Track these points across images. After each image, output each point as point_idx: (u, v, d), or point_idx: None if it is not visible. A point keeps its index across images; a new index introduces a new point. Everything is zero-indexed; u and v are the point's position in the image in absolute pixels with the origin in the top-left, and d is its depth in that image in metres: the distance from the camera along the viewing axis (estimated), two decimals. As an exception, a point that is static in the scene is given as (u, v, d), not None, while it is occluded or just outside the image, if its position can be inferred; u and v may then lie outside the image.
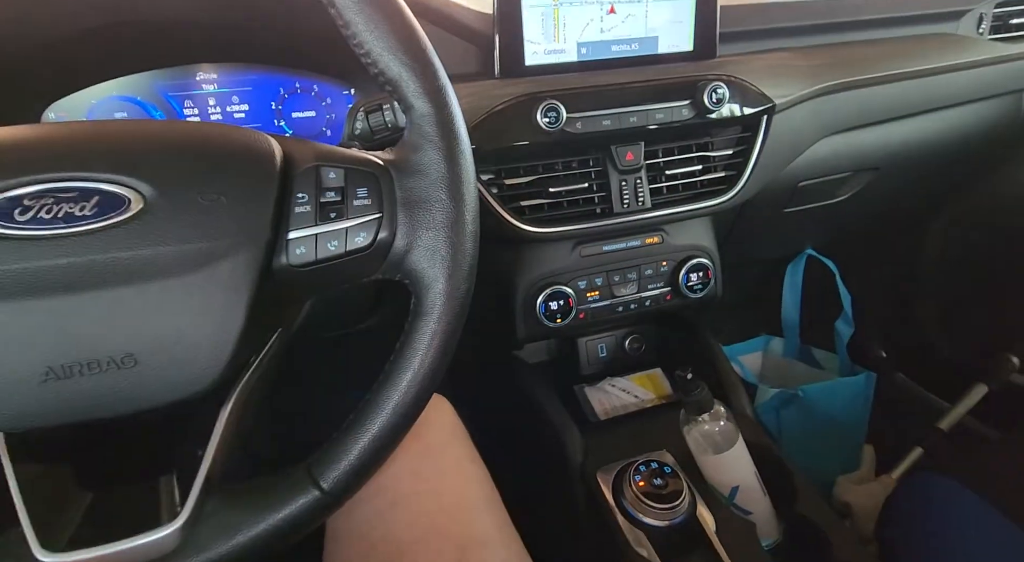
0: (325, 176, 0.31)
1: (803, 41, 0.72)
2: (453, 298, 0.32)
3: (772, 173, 0.70)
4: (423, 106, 0.31)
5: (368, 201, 0.31)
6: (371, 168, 0.32)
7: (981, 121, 0.84)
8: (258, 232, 0.28)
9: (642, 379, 0.81)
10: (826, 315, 1.05)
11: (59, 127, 0.29)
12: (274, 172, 0.30)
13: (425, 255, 0.31)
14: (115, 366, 0.26)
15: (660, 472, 0.55)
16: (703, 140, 0.65)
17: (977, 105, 0.83)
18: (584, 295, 0.67)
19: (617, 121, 0.59)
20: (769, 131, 0.66)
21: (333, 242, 0.30)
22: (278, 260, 0.30)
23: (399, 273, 0.32)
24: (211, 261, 0.27)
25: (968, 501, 0.56)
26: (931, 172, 0.89)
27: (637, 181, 0.62)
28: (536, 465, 0.72)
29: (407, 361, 0.31)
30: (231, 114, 0.62)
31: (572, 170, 0.61)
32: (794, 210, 0.85)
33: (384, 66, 0.31)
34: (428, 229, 0.31)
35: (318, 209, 0.30)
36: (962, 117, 0.82)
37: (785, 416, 0.90)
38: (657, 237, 0.69)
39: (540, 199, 0.60)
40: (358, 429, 0.30)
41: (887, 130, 0.79)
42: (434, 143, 0.32)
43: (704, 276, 0.70)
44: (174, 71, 0.59)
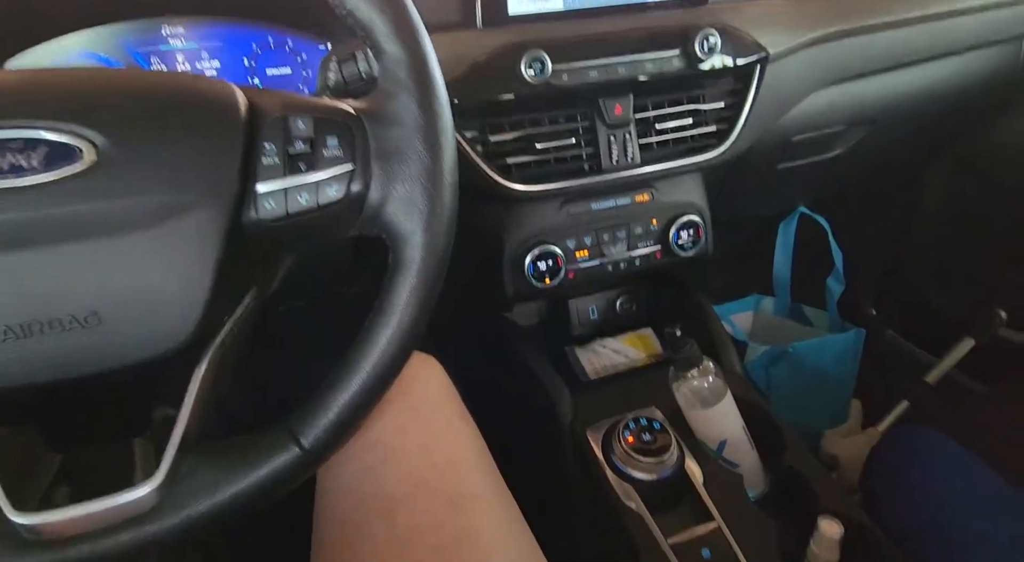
0: (293, 126, 0.29)
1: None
2: (432, 251, 0.31)
3: (765, 126, 0.68)
4: (396, 51, 0.30)
5: (339, 152, 0.30)
6: (342, 117, 0.30)
7: (981, 69, 0.82)
8: (224, 185, 0.27)
9: (632, 339, 0.81)
10: (818, 273, 1.05)
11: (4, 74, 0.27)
12: (239, 122, 0.28)
13: (401, 207, 0.30)
14: (78, 325, 0.25)
15: (649, 428, 0.55)
16: (694, 93, 0.63)
17: (977, 53, 0.80)
18: (573, 254, 0.66)
19: (605, 72, 0.56)
20: (762, 82, 0.64)
21: (304, 195, 0.29)
22: (247, 214, 0.28)
23: (375, 227, 0.31)
24: (175, 214, 0.26)
25: (953, 452, 0.57)
26: (929, 124, 0.88)
27: (626, 136, 0.61)
28: (526, 424, 0.72)
29: (386, 317, 0.30)
30: (202, 71, 0.59)
31: (559, 125, 0.59)
32: (787, 166, 0.83)
33: (353, 7, 0.29)
34: (404, 180, 0.30)
35: (287, 160, 0.29)
36: (962, 65, 0.80)
37: (774, 373, 0.91)
38: (647, 194, 0.68)
39: (527, 156, 0.59)
40: (338, 386, 0.30)
41: (885, 80, 0.76)
42: (408, 90, 0.30)
43: (694, 234, 0.69)
44: (139, 25, 0.56)
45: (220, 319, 0.30)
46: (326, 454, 0.30)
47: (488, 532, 0.39)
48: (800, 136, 0.78)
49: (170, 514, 0.27)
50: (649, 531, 0.51)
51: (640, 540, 0.50)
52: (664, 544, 0.49)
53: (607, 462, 0.56)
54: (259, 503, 0.29)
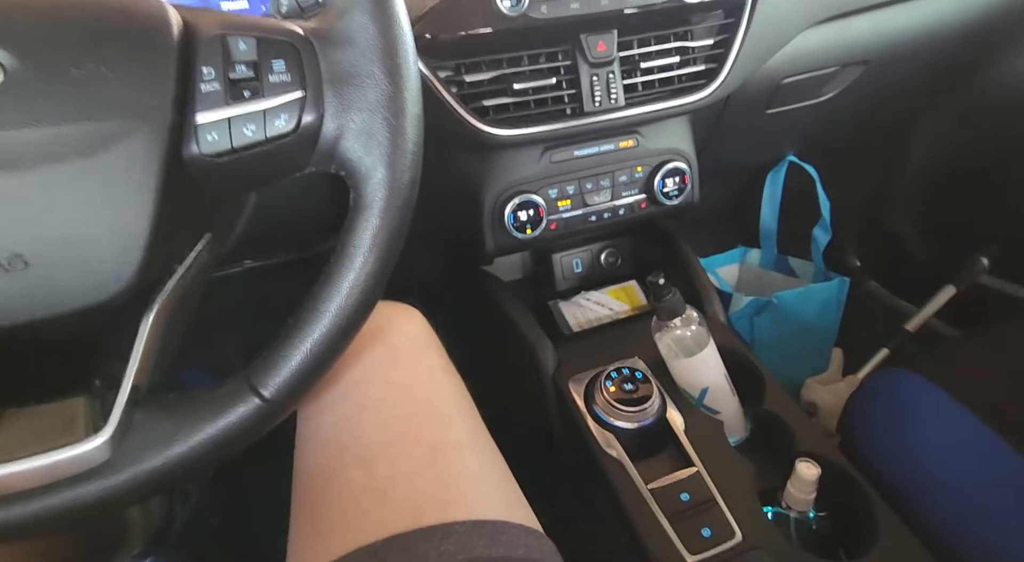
0: (234, 47, 0.26)
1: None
2: (395, 189, 0.28)
3: (755, 65, 0.65)
4: None
5: (287, 76, 0.27)
6: (289, 37, 0.27)
7: (976, 6, 0.79)
8: (156, 112, 0.24)
9: (617, 292, 0.80)
10: (804, 224, 1.04)
11: None
12: (170, 41, 0.25)
13: (359, 140, 0.28)
14: (1, 269, 0.23)
15: (631, 377, 0.55)
16: (681, 29, 0.60)
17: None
18: (555, 204, 0.64)
19: (586, 4, 0.53)
20: (754, 16, 0.60)
21: (250, 126, 0.26)
22: (188, 148, 0.26)
23: (332, 163, 0.29)
24: (99, 145, 0.23)
25: (930, 393, 0.57)
26: (924, 66, 0.85)
27: (610, 76, 0.57)
28: (510, 377, 0.72)
29: (348, 260, 0.28)
30: None
31: (539, 64, 0.56)
32: (776, 111, 0.80)
33: None
34: (360, 110, 0.28)
35: (228, 86, 0.26)
36: (958, 3, 0.76)
37: (759, 323, 0.91)
38: (632, 140, 0.65)
39: (504, 98, 0.56)
40: (298, 334, 0.28)
41: (880, 17, 0.73)
42: (361, 5, 0.27)
43: (680, 181, 0.67)
44: None
45: (169, 265, 0.28)
46: (289, 404, 0.29)
47: (470, 480, 0.38)
48: (790, 78, 0.75)
49: (122, 469, 0.25)
50: (629, 477, 0.51)
51: (620, 486, 0.51)
52: (644, 489, 0.50)
53: (589, 412, 0.56)
54: (217, 455, 0.27)
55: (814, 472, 0.49)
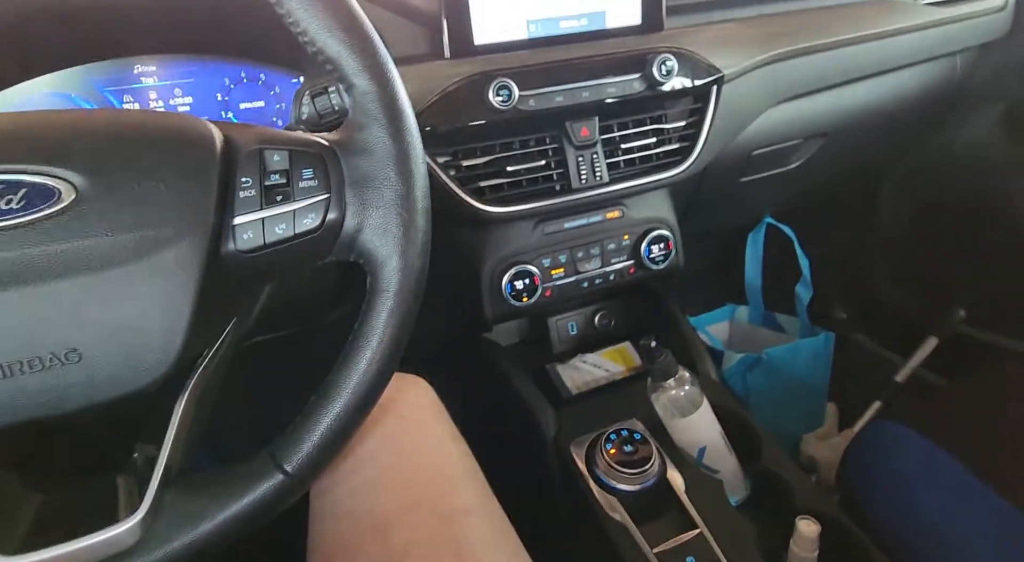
0: (269, 159, 0.31)
1: (750, 11, 0.73)
2: (408, 274, 0.32)
3: (725, 142, 0.71)
4: (364, 83, 0.31)
5: (315, 182, 0.31)
6: (316, 149, 0.32)
7: (922, 82, 0.87)
8: (201, 218, 0.28)
9: (612, 353, 0.83)
10: (788, 281, 1.09)
11: None
12: (214, 156, 0.29)
13: (377, 233, 0.31)
14: (59, 362, 0.25)
15: (630, 439, 0.56)
16: (656, 113, 0.66)
17: (916, 69, 0.86)
18: (549, 273, 0.68)
19: (570, 97, 0.59)
20: (720, 101, 0.67)
21: (281, 225, 0.30)
22: (225, 246, 0.29)
23: (352, 253, 0.32)
24: (153, 249, 0.27)
25: (919, 446, 0.59)
26: (877, 136, 0.93)
27: (594, 156, 0.63)
28: (513, 442, 0.73)
29: (365, 339, 0.31)
30: (175, 108, 0.60)
31: (529, 148, 0.62)
32: (750, 179, 0.87)
33: (322, 44, 0.31)
34: (378, 207, 0.31)
35: (263, 192, 0.30)
36: (903, 81, 0.85)
37: (751, 379, 0.93)
38: (617, 211, 0.70)
39: (499, 179, 0.61)
40: (320, 410, 0.30)
41: (833, 96, 0.81)
42: (378, 120, 0.31)
43: (665, 247, 0.72)
44: (111, 65, 0.57)
45: (200, 351, 0.31)
46: (310, 479, 0.31)
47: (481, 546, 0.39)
48: (759, 150, 0.82)
49: (153, 548, 0.27)
50: (635, 541, 0.51)
51: (626, 551, 0.51)
52: (649, 553, 0.50)
53: (591, 475, 0.57)
54: (244, 530, 0.29)
55: (815, 530, 0.50)
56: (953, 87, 0.90)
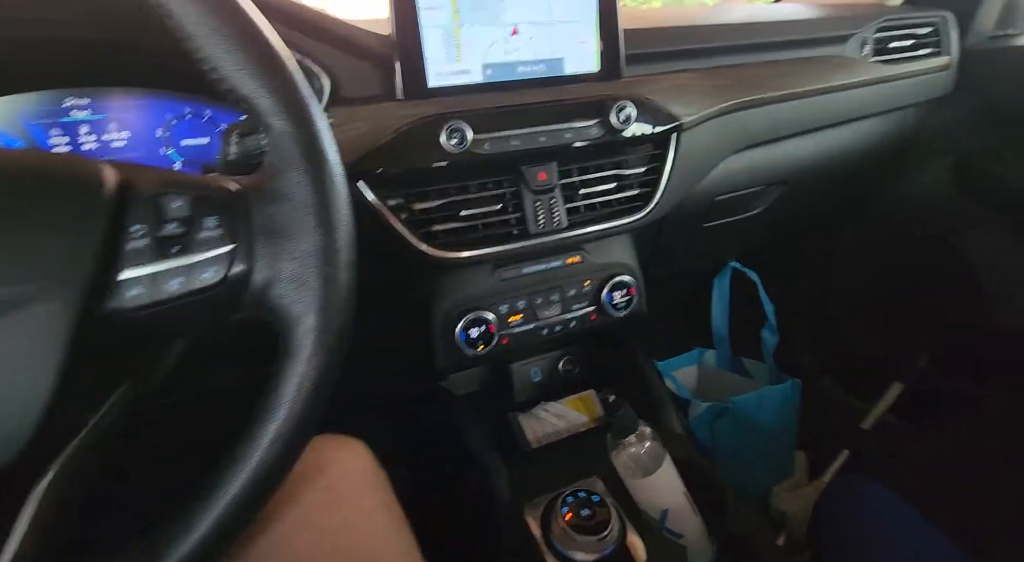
0: (168, 206, 0.27)
1: (706, 62, 0.74)
2: (325, 334, 0.28)
3: (686, 189, 0.71)
4: (281, 125, 0.29)
5: (218, 232, 0.27)
6: (223, 195, 0.28)
7: (875, 135, 0.90)
8: (74, 272, 0.24)
9: (575, 402, 0.79)
10: (755, 325, 1.08)
11: None
12: (99, 203, 0.26)
13: (290, 288, 0.28)
14: None
15: (588, 502, 0.53)
16: (617, 158, 0.65)
17: (870, 120, 0.88)
18: (506, 320, 0.65)
19: (526, 141, 0.58)
20: (679, 148, 0.67)
21: (176, 280, 0.27)
22: (107, 304, 0.26)
23: (262, 310, 0.29)
24: (10, 309, 0.23)
25: (887, 502, 0.57)
26: (836, 184, 0.94)
27: (552, 201, 0.61)
28: (463, 503, 0.68)
29: (270, 412, 0.27)
30: (109, 143, 0.56)
31: (485, 191, 0.60)
32: (713, 224, 0.87)
33: (235, 83, 0.28)
34: (292, 259, 0.28)
35: (156, 243, 0.27)
36: (856, 132, 0.87)
37: (718, 428, 0.90)
38: (578, 257, 0.68)
39: (453, 223, 0.58)
40: (213, 493, 0.26)
41: (791, 145, 0.82)
42: (296, 165, 0.29)
43: (627, 294, 0.70)
44: (40, 97, 0.53)
45: (75, 422, 0.27)
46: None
47: None
48: (721, 196, 0.82)
49: None
50: (592, 619, 0.47)
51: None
52: (608, 633, 0.46)
53: (546, 542, 0.52)
54: None
55: (784, 602, 0.47)
56: (905, 139, 0.93)
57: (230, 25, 0.27)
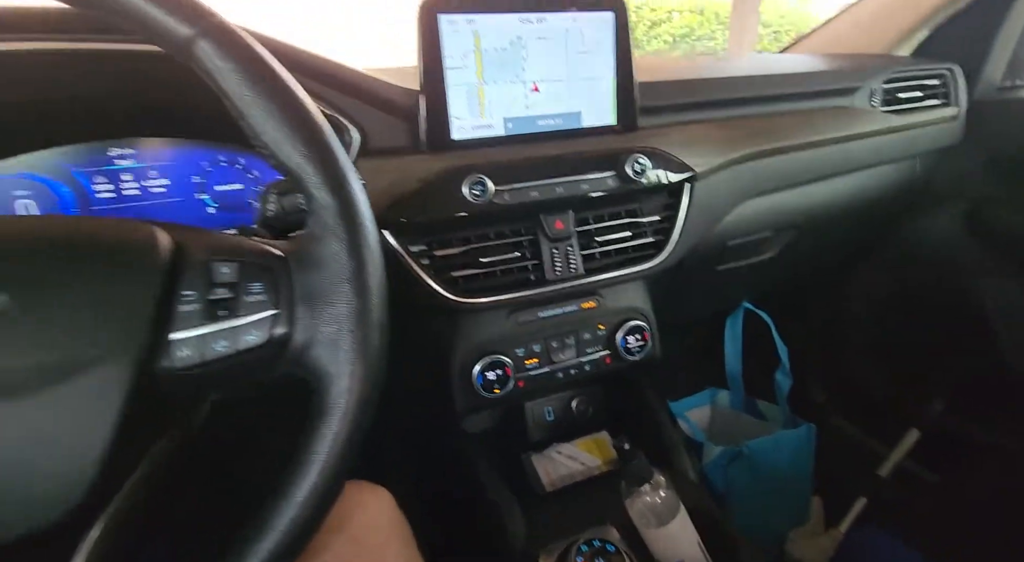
0: (217, 271, 0.29)
1: (719, 113, 0.77)
2: (358, 394, 0.30)
3: (699, 236, 0.72)
4: (324, 196, 0.31)
5: (263, 296, 0.29)
6: (267, 261, 0.30)
7: (885, 182, 0.91)
8: (133, 336, 0.26)
9: (588, 444, 0.79)
10: (768, 366, 1.08)
11: None
12: (156, 269, 0.28)
13: (327, 350, 0.30)
14: None
15: (603, 551, 0.53)
16: (631, 206, 0.67)
17: (880, 168, 0.90)
18: (522, 362, 0.66)
19: (544, 192, 0.60)
20: (693, 197, 0.69)
21: (222, 342, 0.28)
22: (158, 363, 0.27)
23: (300, 370, 0.30)
24: (76, 372, 0.25)
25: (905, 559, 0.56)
26: (846, 229, 0.96)
27: (568, 248, 0.63)
28: (482, 546, 0.68)
29: (305, 467, 0.28)
30: (148, 189, 0.59)
31: (504, 239, 0.62)
32: (726, 267, 0.88)
33: (284, 157, 0.30)
34: (329, 323, 0.30)
35: (206, 307, 0.28)
36: (867, 179, 0.89)
37: (733, 473, 0.89)
38: (593, 301, 0.69)
39: (472, 269, 0.60)
40: (245, 548, 0.27)
41: (802, 192, 0.84)
42: (336, 234, 0.31)
43: (641, 338, 0.71)
44: (85, 147, 0.56)
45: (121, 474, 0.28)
46: None
47: None
48: (734, 241, 0.83)
49: None
50: None
51: None
52: None
53: (560, 592, 0.52)
54: None
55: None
56: (915, 186, 0.94)
57: (280, 107, 0.30)
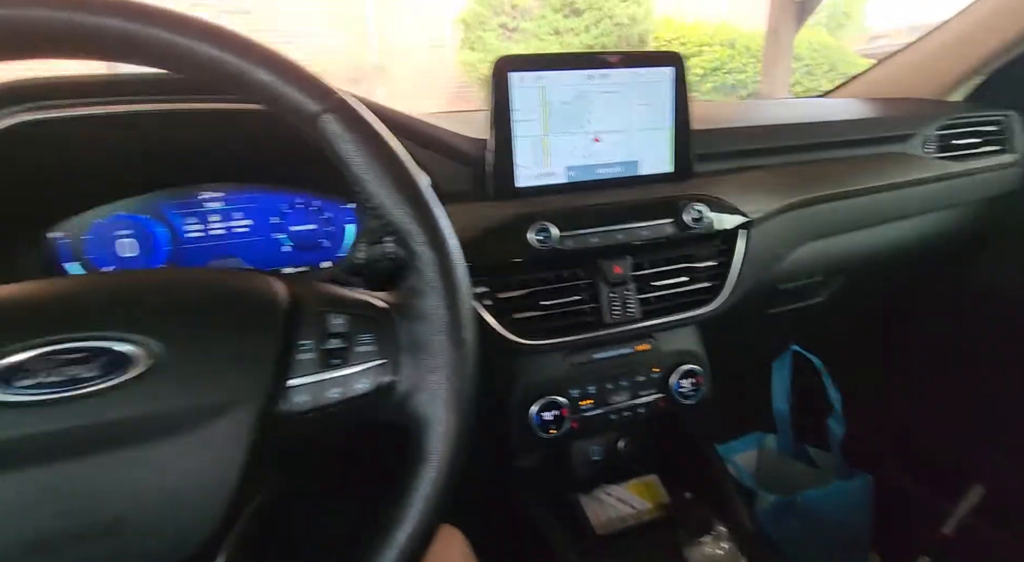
0: (330, 322, 0.32)
1: (773, 160, 0.78)
2: (455, 441, 0.32)
3: (754, 280, 0.73)
4: (427, 253, 0.33)
5: (371, 347, 0.32)
6: (375, 313, 0.33)
7: (941, 228, 0.90)
8: (260, 382, 0.29)
9: (639, 487, 0.79)
10: (818, 411, 1.05)
11: (64, 283, 0.30)
12: (278, 320, 0.31)
13: (427, 399, 0.32)
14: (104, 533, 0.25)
15: (663, 603, 0.52)
16: (687, 252, 0.68)
17: (936, 214, 0.89)
18: (577, 404, 0.67)
19: (605, 238, 0.62)
20: (748, 243, 0.69)
21: (336, 389, 0.31)
22: (278, 408, 0.30)
23: (400, 416, 0.32)
24: (214, 415, 0.27)
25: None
26: (900, 275, 0.94)
27: (626, 292, 0.65)
28: None
29: (407, 510, 0.30)
30: (232, 229, 0.64)
31: (563, 283, 0.63)
32: (776, 311, 0.87)
33: (392, 217, 0.33)
34: (431, 373, 0.32)
35: (321, 356, 0.31)
36: (923, 225, 0.88)
37: (786, 524, 0.87)
38: (647, 344, 0.70)
39: (533, 312, 0.62)
40: None
41: (855, 238, 0.83)
42: (436, 289, 0.33)
43: (695, 382, 0.71)
44: (179, 191, 0.61)
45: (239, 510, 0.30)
46: None
47: None
48: (785, 285, 0.83)
49: None
50: None
51: None
52: None
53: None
54: None
55: None
56: (973, 233, 0.93)
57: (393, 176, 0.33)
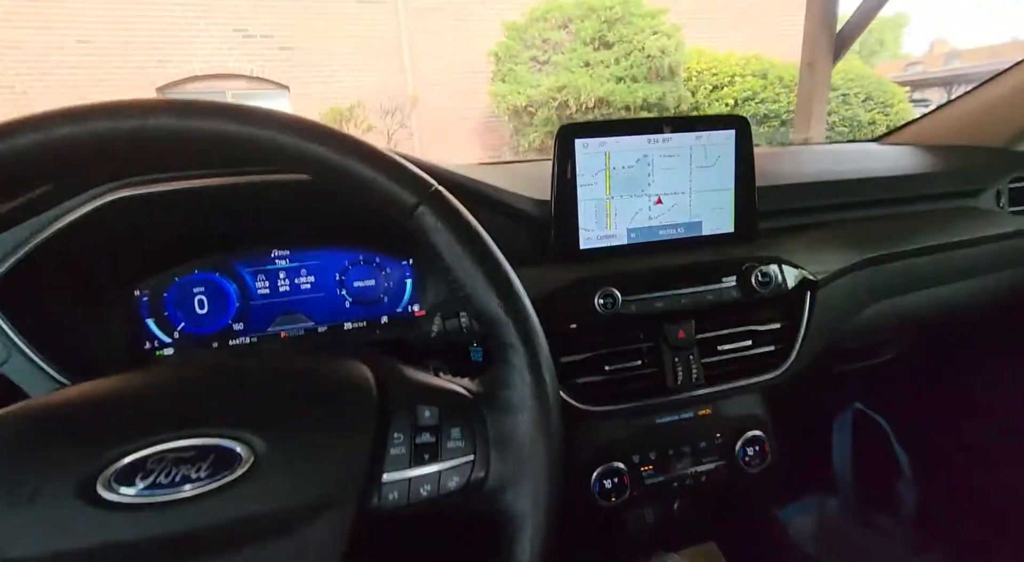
0: (420, 414, 0.32)
1: (838, 215, 0.76)
2: (544, 539, 0.31)
3: (822, 343, 0.70)
4: (517, 346, 0.33)
5: (462, 442, 0.31)
6: (462, 404, 0.33)
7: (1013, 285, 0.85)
8: (356, 478, 0.28)
9: (696, 557, 0.75)
10: (883, 474, 0.99)
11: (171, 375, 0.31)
12: (371, 411, 0.31)
13: (518, 496, 0.31)
14: None
15: None
16: (752, 315, 0.66)
17: (1011, 271, 0.84)
18: (638, 470, 0.65)
19: (669, 302, 0.61)
20: (815, 304, 0.67)
21: (427, 485, 0.30)
22: (371, 503, 0.29)
23: (490, 511, 0.32)
24: (308, 517, 0.27)
25: None
26: (976, 331, 0.89)
27: (690, 357, 0.63)
28: None
29: None
30: (299, 286, 0.65)
31: (626, 346, 0.62)
32: (842, 369, 0.84)
33: (483, 306, 0.33)
34: (518, 465, 0.31)
35: (412, 450, 0.31)
36: (999, 282, 0.83)
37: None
38: (710, 409, 0.68)
39: (595, 376, 0.61)
40: None
41: (926, 295, 0.80)
42: (525, 381, 0.33)
43: (761, 450, 0.68)
44: (252, 250, 0.63)
45: None
46: None
47: None
48: (851, 343, 0.79)
49: None
50: None
51: None
52: None
53: None
54: None
55: None
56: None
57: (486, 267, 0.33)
